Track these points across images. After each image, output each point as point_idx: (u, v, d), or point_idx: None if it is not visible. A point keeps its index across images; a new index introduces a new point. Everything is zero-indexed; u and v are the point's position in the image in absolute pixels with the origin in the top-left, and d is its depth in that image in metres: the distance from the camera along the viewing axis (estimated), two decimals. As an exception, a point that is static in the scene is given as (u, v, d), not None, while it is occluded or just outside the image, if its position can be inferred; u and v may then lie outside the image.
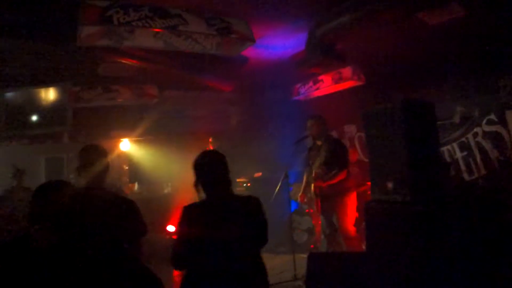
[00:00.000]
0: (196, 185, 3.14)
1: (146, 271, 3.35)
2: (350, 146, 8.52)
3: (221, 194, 3.09)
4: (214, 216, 2.98)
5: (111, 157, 8.94)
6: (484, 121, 6.57)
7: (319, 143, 6.39)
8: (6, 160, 9.04)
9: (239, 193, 3.18)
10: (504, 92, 6.28)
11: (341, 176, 6.14)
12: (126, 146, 10.83)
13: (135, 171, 10.92)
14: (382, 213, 4.24)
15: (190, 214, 3.04)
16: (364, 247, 5.89)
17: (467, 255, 4.00)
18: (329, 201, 6.23)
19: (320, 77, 8.19)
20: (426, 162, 4.15)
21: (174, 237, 3.07)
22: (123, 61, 6.72)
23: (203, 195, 3.12)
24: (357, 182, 6.72)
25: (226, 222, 2.95)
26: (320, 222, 7.01)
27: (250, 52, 6.66)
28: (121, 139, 10.60)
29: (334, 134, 7.44)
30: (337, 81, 7.77)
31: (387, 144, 4.20)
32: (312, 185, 6.43)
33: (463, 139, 6.88)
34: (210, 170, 3.13)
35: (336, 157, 6.19)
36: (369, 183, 6.45)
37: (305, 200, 6.89)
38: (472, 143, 6.78)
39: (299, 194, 6.85)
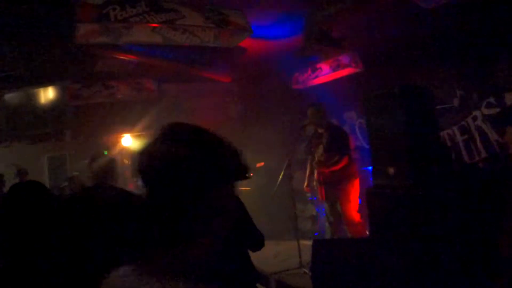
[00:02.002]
0: None
1: None
2: (350, 133, 8.54)
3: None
4: None
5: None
6: (484, 104, 6.58)
7: (320, 130, 6.40)
8: (9, 160, 9.11)
9: None
10: (502, 74, 6.28)
11: (344, 162, 6.16)
12: (128, 141, 10.85)
13: (137, 166, 10.94)
14: (384, 198, 4.28)
15: None
16: (368, 233, 5.94)
17: (469, 237, 4.04)
18: (332, 188, 6.26)
19: (318, 65, 8.19)
20: (426, 146, 4.18)
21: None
22: (121, 57, 6.74)
23: None
24: (359, 168, 6.75)
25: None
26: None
27: (247, 42, 6.67)
28: (123, 135, 10.62)
29: (335, 121, 7.45)
30: (335, 68, 7.77)
31: (387, 129, 4.23)
32: (315, 172, 6.46)
33: (463, 122, 6.89)
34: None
35: (338, 144, 6.20)
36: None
37: (310, 189, 6.92)
38: (472, 127, 6.79)
39: (305, 185, 6.88)
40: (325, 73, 8.08)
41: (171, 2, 4.76)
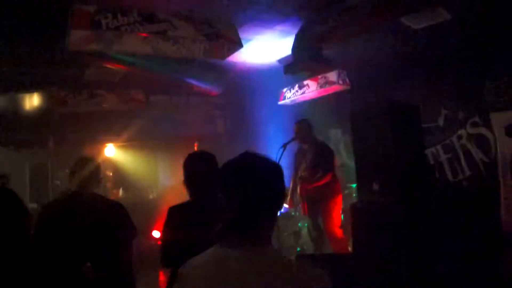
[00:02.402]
0: (185, 184, 3.17)
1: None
2: (335, 150, 8.59)
3: (207, 195, 3.07)
4: (199, 217, 2.98)
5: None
6: (469, 124, 6.68)
7: (305, 147, 6.46)
8: (-10, 165, 8.97)
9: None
10: (488, 94, 6.38)
11: (327, 178, 6.20)
12: (111, 151, 10.78)
13: (119, 176, 10.85)
14: (369, 214, 4.30)
15: (176, 215, 3.08)
16: (350, 249, 5.95)
17: (453, 254, 4.07)
18: (315, 204, 6.31)
19: (305, 82, 8.26)
20: (412, 164, 4.23)
21: (161, 237, 3.08)
22: (110, 66, 6.72)
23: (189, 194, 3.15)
24: (342, 185, 6.79)
25: (211, 223, 2.94)
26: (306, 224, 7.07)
27: (237, 56, 6.72)
28: (106, 145, 10.55)
29: (320, 138, 7.50)
30: (322, 85, 7.84)
31: (373, 145, 4.26)
32: (298, 188, 6.49)
33: (448, 141, 6.98)
34: (197, 170, 3.15)
35: (322, 160, 6.26)
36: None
37: (293, 204, 6.94)
38: (457, 145, 6.88)
39: (287, 199, 6.88)
40: (312, 90, 8.15)
41: (163, 13, 4.78)
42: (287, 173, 7.54)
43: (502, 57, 6.13)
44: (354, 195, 8.07)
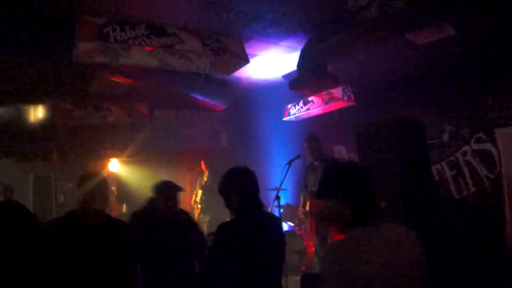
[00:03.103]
0: (230, 203, 3.06)
1: None
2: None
3: (258, 211, 3.03)
4: (252, 236, 2.91)
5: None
6: (473, 140, 6.66)
7: (316, 163, 6.43)
8: (-6, 177, 8.96)
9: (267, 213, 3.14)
10: (492, 110, 6.38)
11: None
12: (115, 166, 10.76)
13: (123, 192, 10.82)
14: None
15: (229, 234, 2.94)
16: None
17: (458, 271, 4.03)
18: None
19: (310, 98, 8.26)
20: (418, 182, 4.20)
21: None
22: (115, 79, 6.74)
23: (233, 210, 3.04)
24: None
25: (261, 244, 2.90)
26: (312, 243, 6.98)
27: (242, 71, 6.74)
28: (110, 159, 10.54)
29: (329, 155, 7.48)
30: (327, 101, 7.84)
31: (379, 162, 4.24)
32: (307, 204, 6.45)
33: (452, 157, 6.96)
34: (249, 188, 3.06)
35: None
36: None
37: (305, 216, 6.90)
38: (461, 162, 6.85)
39: (300, 212, 6.86)
40: (316, 107, 8.14)
41: (171, 27, 4.80)
42: (294, 191, 7.55)
43: (506, 73, 6.14)
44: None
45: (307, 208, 6.50)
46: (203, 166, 8.60)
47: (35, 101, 8.03)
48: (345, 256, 1.99)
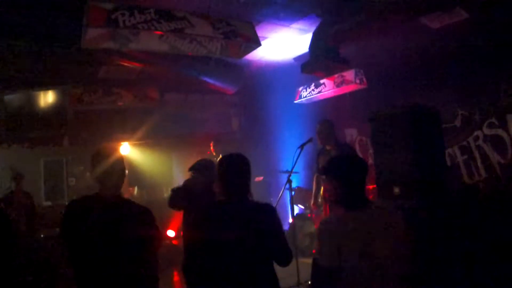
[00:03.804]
0: (216, 184, 3.09)
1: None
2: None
3: (237, 200, 2.99)
4: (227, 222, 2.92)
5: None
6: (485, 125, 6.58)
7: (328, 147, 6.32)
8: (5, 163, 9.01)
9: (255, 200, 3.10)
10: (505, 95, 6.28)
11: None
12: (126, 149, 10.77)
13: (134, 175, 10.82)
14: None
15: (202, 217, 3.03)
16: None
17: (472, 259, 3.99)
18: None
19: (321, 81, 8.16)
20: (433, 167, 4.14)
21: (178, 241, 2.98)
22: (125, 64, 6.69)
23: (219, 196, 3.05)
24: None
25: (238, 229, 2.88)
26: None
27: (253, 54, 6.66)
28: (121, 143, 10.54)
29: (342, 139, 7.40)
30: (339, 84, 7.73)
31: (394, 148, 4.18)
32: (322, 189, 6.38)
33: (464, 142, 6.89)
34: (232, 173, 3.05)
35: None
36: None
37: (316, 206, 6.83)
38: (473, 147, 6.79)
39: (311, 202, 6.78)
40: (328, 89, 8.02)
41: (180, 10, 4.72)
42: (305, 173, 7.49)
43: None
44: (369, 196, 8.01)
45: (321, 193, 6.41)
46: (211, 149, 8.57)
47: (45, 87, 8.02)
48: (329, 235, 2.70)
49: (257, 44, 5.30)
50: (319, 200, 6.61)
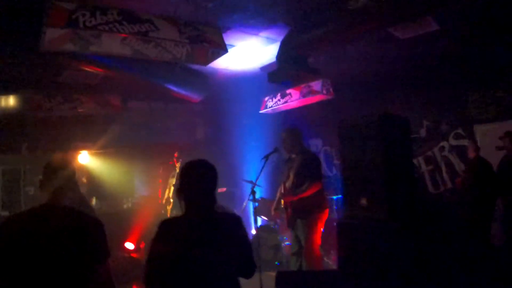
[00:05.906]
0: (178, 194, 2.87)
1: None
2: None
3: (203, 211, 2.84)
4: (193, 235, 2.75)
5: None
6: (452, 135, 6.64)
7: (293, 156, 6.21)
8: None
9: (220, 211, 2.96)
10: (472, 106, 6.35)
11: (313, 189, 5.93)
12: (85, 158, 10.44)
13: (94, 185, 10.49)
14: (356, 230, 4.13)
15: (167, 230, 2.81)
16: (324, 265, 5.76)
17: (443, 271, 3.95)
18: (301, 217, 6.03)
19: (288, 91, 8.10)
20: (401, 178, 4.09)
21: (144, 254, 2.84)
22: (86, 69, 6.45)
23: (183, 207, 2.85)
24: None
25: (205, 242, 2.74)
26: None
27: (219, 62, 6.54)
28: (81, 152, 10.22)
29: (308, 148, 7.33)
30: (305, 94, 7.69)
31: (362, 158, 4.10)
32: (282, 199, 6.27)
33: (429, 153, 6.94)
34: (197, 182, 2.87)
35: (309, 170, 6.00)
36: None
37: (278, 213, 6.70)
38: (438, 157, 6.84)
39: (272, 208, 6.63)
40: (294, 99, 7.99)
41: (145, 14, 4.55)
42: (269, 184, 7.39)
43: (487, 69, 6.10)
44: (334, 207, 7.95)
45: (282, 202, 6.29)
46: (175, 158, 8.40)
47: (3, 92, 7.68)
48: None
49: (224, 50, 5.19)
50: (281, 208, 6.47)
